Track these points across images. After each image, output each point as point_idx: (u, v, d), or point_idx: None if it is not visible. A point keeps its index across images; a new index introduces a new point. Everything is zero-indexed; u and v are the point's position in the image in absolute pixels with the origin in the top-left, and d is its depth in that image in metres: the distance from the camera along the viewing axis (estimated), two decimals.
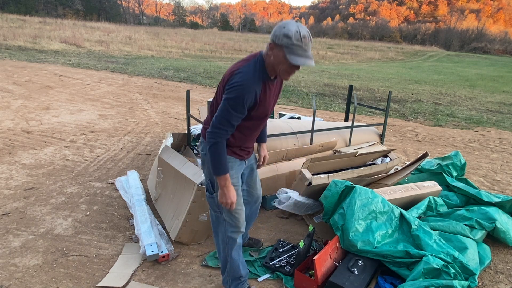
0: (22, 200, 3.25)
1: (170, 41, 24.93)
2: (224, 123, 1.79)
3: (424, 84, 13.95)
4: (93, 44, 19.03)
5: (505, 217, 2.86)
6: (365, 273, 2.23)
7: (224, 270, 2.19)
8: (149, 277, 2.34)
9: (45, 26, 24.55)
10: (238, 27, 74.99)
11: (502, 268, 2.62)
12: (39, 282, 2.25)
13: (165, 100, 7.98)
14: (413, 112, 8.27)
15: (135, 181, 3.48)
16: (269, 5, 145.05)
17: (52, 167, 4.00)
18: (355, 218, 2.40)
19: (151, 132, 5.49)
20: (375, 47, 38.88)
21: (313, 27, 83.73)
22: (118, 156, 4.43)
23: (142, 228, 2.64)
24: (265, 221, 3.07)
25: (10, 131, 5.15)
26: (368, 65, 22.54)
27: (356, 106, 4.07)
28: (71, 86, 8.78)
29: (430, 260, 2.15)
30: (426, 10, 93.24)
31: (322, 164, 3.13)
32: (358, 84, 12.35)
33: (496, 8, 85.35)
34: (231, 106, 1.75)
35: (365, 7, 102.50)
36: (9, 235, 2.71)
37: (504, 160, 5.10)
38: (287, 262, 2.48)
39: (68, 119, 5.92)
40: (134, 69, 12.26)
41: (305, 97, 9.41)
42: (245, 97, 1.74)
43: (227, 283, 2.19)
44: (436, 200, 2.94)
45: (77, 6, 46.69)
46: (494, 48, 56.31)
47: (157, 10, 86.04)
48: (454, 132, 6.62)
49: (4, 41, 16.75)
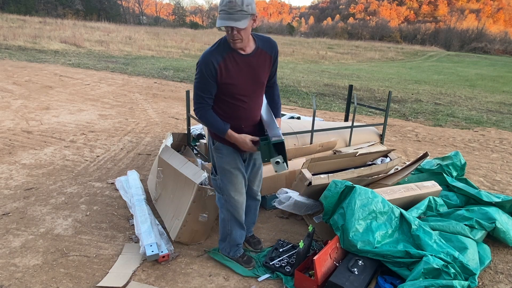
0: (22, 200, 3.25)
1: (170, 41, 24.92)
2: (197, 97, 2.04)
3: (424, 84, 13.95)
4: (93, 44, 19.02)
5: (505, 217, 2.86)
6: (365, 273, 2.23)
7: (224, 239, 2.48)
8: (149, 277, 2.34)
9: (45, 26, 24.52)
10: None
11: (502, 268, 2.62)
12: (39, 282, 2.25)
13: (165, 100, 7.98)
14: (413, 112, 8.27)
15: (135, 181, 3.48)
16: (269, 5, 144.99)
17: (52, 167, 4.00)
18: (355, 218, 2.40)
19: (151, 132, 5.49)
20: (375, 47, 38.87)
21: (313, 27, 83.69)
22: (118, 156, 4.43)
23: (142, 228, 2.64)
24: (265, 221, 3.07)
25: (10, 131, 5.15)
26: (368, 65, 22.54)
27: (356, 106, 4.07)
28: (71, 86, 8.78)
29: (430, 260, 2.15)
30: (426, 10, 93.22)
31: (322, 164, 3.13)
32: (358, 84, 12.35)
33: (496, 8, 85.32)
34: (196, 80, 2.00)
35: (365, 7, 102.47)
36: (9, 235, 2.71)
37: (504, 160, 5.10)
38: (287, 262, 2.48)
39: (68, 119, 5.92)
40: (134, 69, 12.26)
41: (305, 97, 9.41)
42: (203, 69, 1.93)
43: (226, 250, 2.49)
44: (436, 200, 2.94)
45: (77, 6, 46.67)
46: (494, 48, 56.31)
47: (157, 10, 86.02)
48: (454, 132, 6.62)
49: (4, 41, 16.75)
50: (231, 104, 2.06)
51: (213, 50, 1.95)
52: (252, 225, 2.70)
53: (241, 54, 1.97)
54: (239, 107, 2.07)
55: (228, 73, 1.96)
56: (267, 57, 2.06)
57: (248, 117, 2.13)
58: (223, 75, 1.95)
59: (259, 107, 2.19)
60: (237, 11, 1.77)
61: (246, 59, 1.99)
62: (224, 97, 2.05)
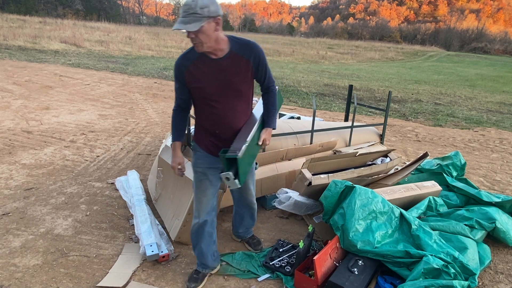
0: (22, 200, 3.25)
1: (170, 41, 24.94)
2: (175, 97, 2.10)
3: (424, 84, 13.95)
4: (93, 44, 19.03)
5: (505, 217, 2.86)
6: (365, 273, 2.23)
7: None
8: (149, 277, 2.34)
9: (45, 26, 24.54)
10: (238, 27, 75.04)
11: (502, 268, 2.62)
12: (39, 282, 2.25)
13: (165, 100, 7.98)
14: (413, 112, 8.27)
15: (135, 181, 3.48)
16: (269, 5, 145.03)
17: (52, 167, 4.00)
18: (355, 218, 2.40)
19: (151, 132, 5.49)
20: (375, 47, 38.89)
21: (313, 27, 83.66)
22: (118, 156, 4.43)
23: (142, 228, 2.64)
24: (265, 221, 3.07)
25: (10, 131, 5.15)
26: (368, 65, 22.54)
27: (356, 106, 4.07)
28: (71, 86, 8.79)
29: (430, 260, 2.15)
30: (426, 10, 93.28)
31: (322, 164, 3.13)
32: (358, 84, 12.36)
33: (496, 8, 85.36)
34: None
35: (365, 7, 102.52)
36: (9, 235, 2.71)
37: (504, 160, 5.10)
38: (287, 262, 2.48)
39: (68, 119, 5.92)
40: (134, 69, 12.26)
41: (305, 97, 9.41)
42: (176, 73, 1.98)
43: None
44: (436, 200, 2.94)
45: (77, 6, 46.71)
46: (494, 48, 56.35)
47: (157, 10, 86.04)
48: (454, 132, 6.62)
49: (4, 41, 16.76)
50: (203, 109, 2.03)
51: (185, 53, 1.95)
52: (251, 227, 2.69)
53: (211, 58, 1.91)
54: (211, 113, 2.01)
55: (195, 77, 1.93)
56: (243, 62, 1.95)
57: (222, 124, 2.04)
58: (190, 78, 1.94)
59: (238, 115, 2.06)
60: (190, 14, 1.72)
61: (217, 63, 1.92)
62: (197, 101, 2.03)
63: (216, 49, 1.89)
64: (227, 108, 2.01)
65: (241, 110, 2.06)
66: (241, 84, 1.98)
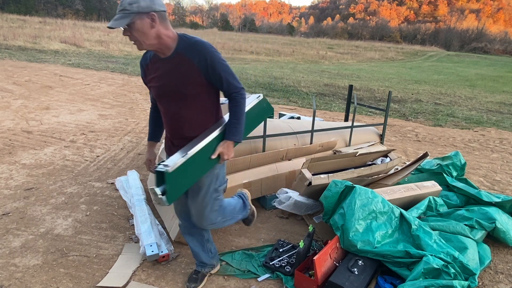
0: (22, 200, 3.25)
1: None
2: None
3: (424, 84, 13.95)
4: (93, 44, 19.04)
5: (505, 217, 2.86)
6: (365, 273, 2.23)
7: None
8: (149, 277, 2.34)
9: (45, 26, 24.55)
10: (238, 27, 75.08)
11: (502, 268, 2.62)
12: (39, 282, 2.25)
13: None
14: (413, 112, 8.27)
15: (135, 181, 3.48)
16: (269, 5, 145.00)
17: (52, 167, 4.00)
18: (355, 218, 2.40)
19: None
20: (375, 47, 38.90)
21: (313, 27, 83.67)
22: (118, 156, 4.43)
23: (142, 228, 2.64)
24: (265, 221, 3.07)
25: (10, 131, 5.15)
26: (368, 65, 22.54)
27: (356, 106, 4.07)
28: (71, 86, 8.79)
29: (430, 260, 2.15)
30: (426, 10, 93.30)
31: (322, 164, 3.13)
32: (358, 84, 12.36)
33: (496, 8, 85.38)
34: None
35: (365, 7, 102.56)
36: (9, 235, 2.71)
37: (504, 160, 5.10)
38: (287, 262, 2.48)
39: (68, 119, 5.92)
40: (134, 69, 12.26)
41: (305, 97, 9.41)
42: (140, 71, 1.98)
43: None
44: (436, 200, 2.94)
45: (77, 6, 46.72)
46: (494, 48, 56.36)
47: None
48: (454, 132, 6.62)
49: (4, 41, 16.76)
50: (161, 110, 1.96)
51: (145, 52, 1.91)
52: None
53: (160, 57, 1.81)
54: (163, 114, 1.94)
55: (149, 77, 1.90)
56: (189, 64, 1.76)
57: (170, 129, 1.92)
58: (146, 78, 1.93)
59: (185, 121, 1.87)
60: (120, 11, 1.63)
61: (164, 63, 1.80)
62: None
63: (162, 48, 1.75)
64: (172, 113, 1.87)
65: (189, 117, 1.86)
66: (185, 87, 1.79)
